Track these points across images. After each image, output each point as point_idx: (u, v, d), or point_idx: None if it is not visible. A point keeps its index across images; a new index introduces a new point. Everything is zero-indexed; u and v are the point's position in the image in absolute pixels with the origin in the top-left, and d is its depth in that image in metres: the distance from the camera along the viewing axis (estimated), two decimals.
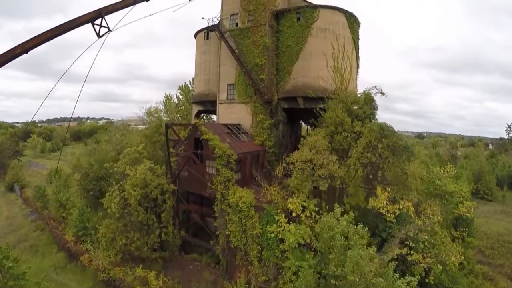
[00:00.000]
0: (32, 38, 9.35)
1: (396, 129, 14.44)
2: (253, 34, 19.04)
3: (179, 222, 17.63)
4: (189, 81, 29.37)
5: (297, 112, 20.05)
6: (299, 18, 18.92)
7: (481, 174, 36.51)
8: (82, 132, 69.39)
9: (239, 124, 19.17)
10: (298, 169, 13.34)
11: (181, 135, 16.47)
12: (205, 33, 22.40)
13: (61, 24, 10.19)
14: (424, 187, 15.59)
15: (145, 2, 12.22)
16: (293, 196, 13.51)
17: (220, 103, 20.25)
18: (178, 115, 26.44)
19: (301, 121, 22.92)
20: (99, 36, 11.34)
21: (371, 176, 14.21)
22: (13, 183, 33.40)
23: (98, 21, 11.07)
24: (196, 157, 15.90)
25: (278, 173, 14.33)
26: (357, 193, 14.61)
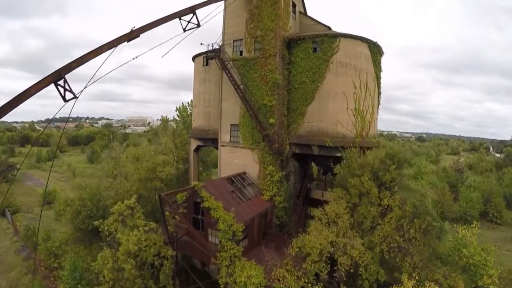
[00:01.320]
0: None
1: (395, 130, 12.35)
2: (261, 66, 15.91)
3: (180, 282, 15.59)
4: (188, 102, 26.23)
5: (310, 155, 17.46)
6: (315, 49, 15.77)
7: (490, 195, 34.86)
8: (80, 137, 66.15)
9: (244, 173, 16.53)
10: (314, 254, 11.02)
11: (178, 197, 13.91)
12: (204, 58, 19.11)
13: (17, 96, 7.65)
14: (448, 255, 13.72)
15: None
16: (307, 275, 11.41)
17: (223, 146, 17.46)
18: (174, 145, 23.60)
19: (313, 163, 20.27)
20: (65, 100, 8.65)
21: (396, 260, 11.95)
22: (4, 208, 30.75)
23: (62, 82, 8.42)
24: (197, 224, 13.51)
25: (292, 251, 12.03)
26: (377, 269, 12.59)
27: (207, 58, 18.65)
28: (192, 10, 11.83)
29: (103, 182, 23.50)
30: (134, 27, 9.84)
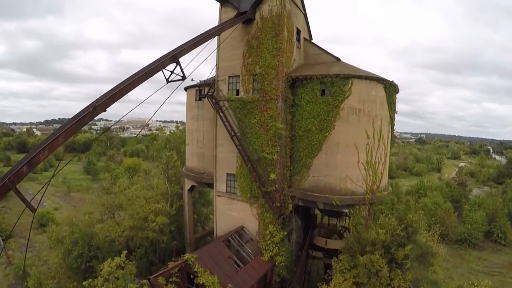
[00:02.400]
0: None
1: (395, 130, 10.76)
2: (261, 111, 13.62)
3: None
4: (179, 122, 23.91)
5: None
6: (323, 92, 13.40)
7: (495, 214, 33.47)
8: (77, 143, 63.97)
9: (242, 228, 14.70)
10: None
11: (170, 265, 12.20)
12: (197, 91, 16.71)
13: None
14: None
15: None
16: None
17: (218, 195, 15.52)
18: (168, 176, 21.60)
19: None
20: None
21: None
22: None
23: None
24: None
25: None
26: None
27: (200, 91, 16.28)
28: (174, 59, 9.51)
29: (95, 215, 21.80)
30: (95, 105, 7.61)
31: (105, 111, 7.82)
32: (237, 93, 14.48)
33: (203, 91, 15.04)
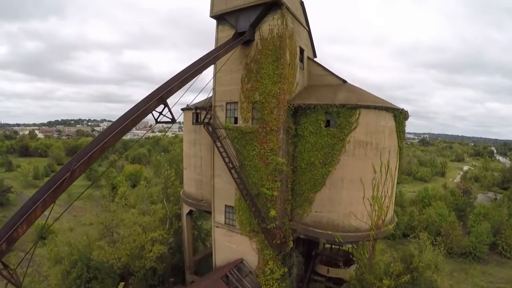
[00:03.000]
0: None
1: None
2: (261, 143, 12.63)
3: None
4: (182, 123, 22.95)
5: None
6: (328, 123, 12.35)
7: (500, 225, 32.54)
8: (79, 148, 63.60)
9: (241, 261, 14.01)
10: None
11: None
12: (194, 114, 15.74)
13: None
14: None
15: None
16: None
17: (217, 226, 14.78)
18: (166, 195, 20.89)
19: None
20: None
21: None
22: None
23: None
24: None
25: None
26: None
27: (196, 116, 15.32)
28: (161, 101, 8.56)
29: (94, 233, 21.32)
30: (73, 168, 6.77)
31: (84, 172, 6.97)
32: (235, 121, 13.49)
33: (199, 115, 14.07)
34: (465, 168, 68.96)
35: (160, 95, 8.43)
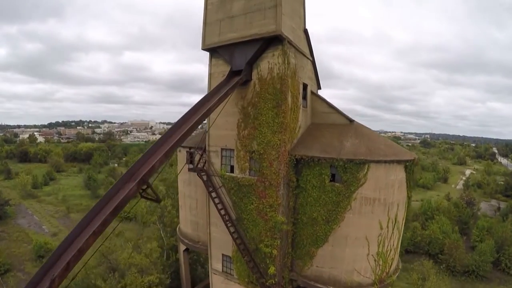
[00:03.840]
0: None
1: (399, 131, 9.35)
2: (259, 198, 11.55)
3: None
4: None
5: None
6: (333, 177, 11.22)
7: (504, 241, 31.80)
8: (78, 153, 62.80)
9: None
10: None
11: None
12: (188, 153, 14.55)
13: None
14: None
15: None
16: None
17: (214, 273, 13.98)
18: (163, 224, 20.12)
19: None
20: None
21: None
22: None
23: None
24: None
25: None
26: None
27: (190, 156, 14.17)
28: (143, 182, 7.45)
29: (91, 261, 20.75)
30: (52, 278, 5.74)
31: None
32: (232, 170, 12.37)
33: (193, 156, 12.95)
34: (467, 172, 67.72)
35: (141, 177, 7.30)
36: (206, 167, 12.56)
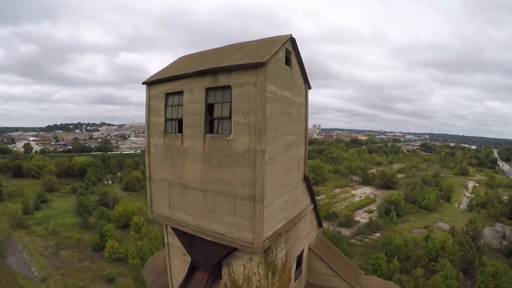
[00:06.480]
0: None
1: (398, 131, 6.82)
2: None
3: None
4: None
5: None
6: None
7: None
8: (71, 169, 58.78)
9: None
10: None
11: None
12: None
13: None
14: None
15: None
16: None
17: None
18: None
19: None
20: None
21: None
22: None
23: None
24: None
25: None
26: None
27: None
28: None
29: None
30: None
31: None
32: None
33: None
34: (470, 185, 64.65)
35: None
36: None
